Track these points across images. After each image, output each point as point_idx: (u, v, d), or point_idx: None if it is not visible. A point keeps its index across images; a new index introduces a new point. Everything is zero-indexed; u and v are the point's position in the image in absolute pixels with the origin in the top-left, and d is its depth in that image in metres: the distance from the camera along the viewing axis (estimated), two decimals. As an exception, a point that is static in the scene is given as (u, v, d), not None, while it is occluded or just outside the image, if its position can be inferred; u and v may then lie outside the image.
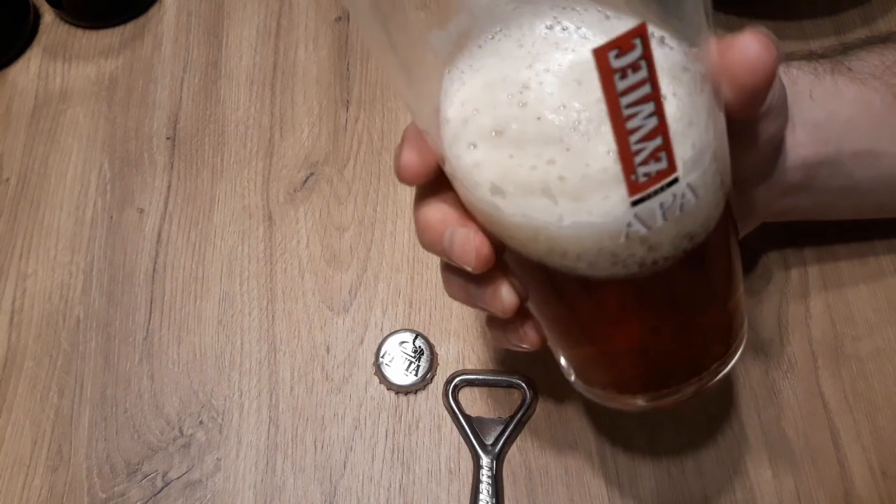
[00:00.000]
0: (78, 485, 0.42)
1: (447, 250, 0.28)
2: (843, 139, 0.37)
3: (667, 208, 0.24)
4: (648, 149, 0.22)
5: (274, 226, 0.48)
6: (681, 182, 0.24)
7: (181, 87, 0.54)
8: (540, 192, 0.24)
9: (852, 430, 0.40)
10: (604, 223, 0.24)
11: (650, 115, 0.22)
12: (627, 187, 0.23)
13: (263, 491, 0.41)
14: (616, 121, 0.22)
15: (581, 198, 0.24)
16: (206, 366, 0.44)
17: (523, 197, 0.25)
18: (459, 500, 0.40)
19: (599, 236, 0.24)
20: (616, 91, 0.21)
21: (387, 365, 0.43)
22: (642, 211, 0.24)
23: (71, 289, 0.47)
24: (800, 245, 0.45)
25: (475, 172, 0.25)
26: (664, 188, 0.23)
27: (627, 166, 0.23)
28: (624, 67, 0.21)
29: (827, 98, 0.37)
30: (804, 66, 0.37)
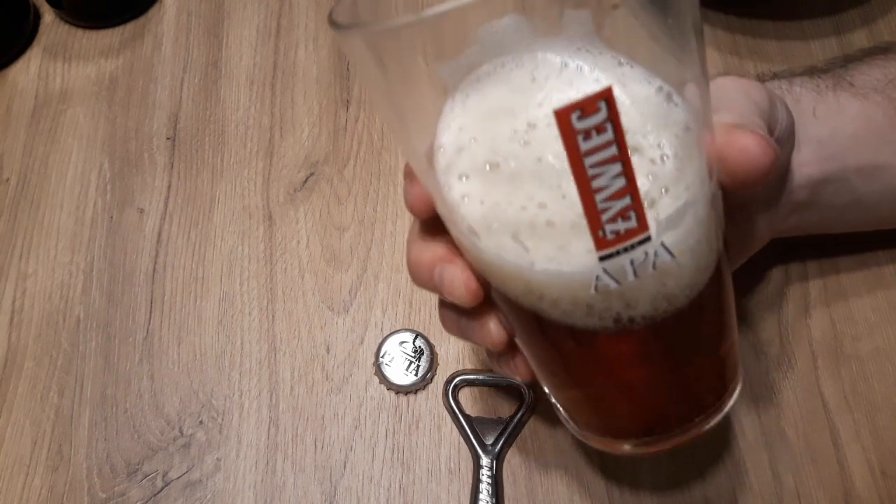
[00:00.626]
0: (78, 485, 0.42)
1: (438, 286, 0.29)
2: (847, 155, 0.37)
3: (637, 265, 0.24)
4: (615, 208, 0.22)
5: (274, 226, 0.48)
6: (653, 241, 0.23)
7: (181, 87, 0.54)
8: (514, 235, 0.24)
9: (852, 430, 0.40)
10: (572, 273, 0.24)
11: (617, 176, 0.22)
12: (595, 242, 0.23)
13: (263, 491, 0.41)
14: (579, 179, 0.22)
15: (554, 246, 0.24)
16: (206, 366, 0.44)
17: (500, 237, 0.25)
18: (459, 500, 0.40)
19: (570, 285, 0.24)
20: (579, 151, 0.21)
21: (387, 365, 0.43)
22: (611, 266, 0.23)
23: (71, 289, 0.47)
24: (799, 246, 0.45)
25: (461, 205, 0.25)
26: (634, 246, 0.23)
27: (594, 223, 0.23)
28: (588, 129, 0.21)
29: (830, 115, 0.37)
30: (807, 83, 0.38)
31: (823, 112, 0.37)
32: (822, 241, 0.45)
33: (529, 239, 0.24)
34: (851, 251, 0.45)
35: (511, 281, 0.26)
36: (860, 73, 0.38)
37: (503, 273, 0.26)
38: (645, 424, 0.30)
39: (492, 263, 0.26)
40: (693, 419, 0.29)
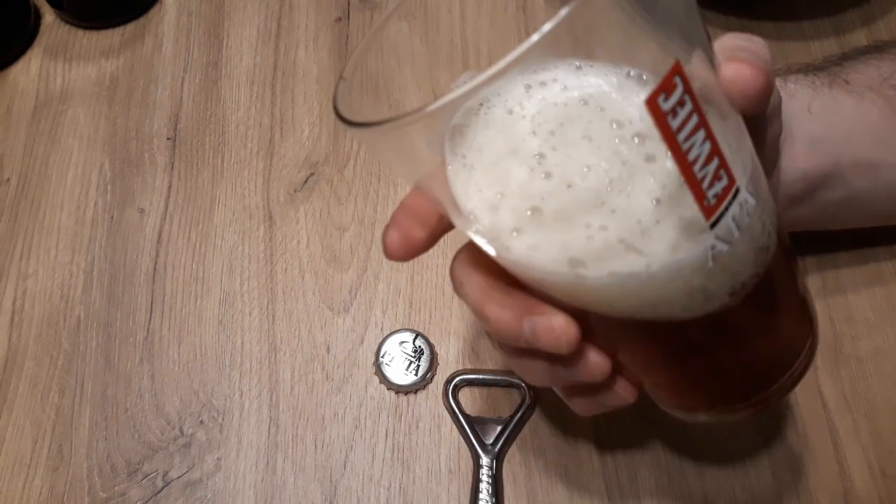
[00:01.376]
0: (78, 484, 0.42)
1: (531, 341, 0.27)
2: (842, 152, 0.37)
3: (738, 219, 0.24)
4: (710, 172, 0.23)
5: (274, 226, 0.48)
6: (742, 191, 0.24)
7: (181, 87, 0.54)
8: (624, 250, 0.24)
9: (852, 430, 0.40)
10: (689, 257, 0.24)
11: (704, 142, 0.23)
12: (703, 213, 0.23)
13: (263, 491, 0.41)
14: (679, 158, 0.22)
15: (663, 245, 0.24)
16: (206, 366, 0.44)
17: (607, 259, 0.24)
18: (459, 500, 0.40)
19: (690, 273, 0.24)
20: (672, 131, 0.22)
21: (387, 365, 0.43)
22: (721, 230, 0.24)
23: (71, 289, 0.47)
24: (799, 245, 0.45)
25: (536, 256, 0.25)
26: (731, 202, 0.24)
27: (699, 194, 0.23)
28: (673, 107, 0.22)
29: (825, 112, 0.37)
30: (801, 79, 0.38)
31: (819, 109, 0.37)
32: (821, 241, 0.45)
33: (640, 243, 0.24)
34: (851, 250, 0.45)
35: (620, 300, 0.25)
36: (855, 72, 0.38)
37: (612, 294, 0.25)
38: (761, 382, 0.31)
39: (601, 289, 0.25)
40: (796, 364, 0.30)
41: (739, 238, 0.25)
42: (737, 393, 0.32)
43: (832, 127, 0.37)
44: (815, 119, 0.36)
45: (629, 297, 0.25)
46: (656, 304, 0.25)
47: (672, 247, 0.24)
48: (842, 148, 0.37)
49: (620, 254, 0.24)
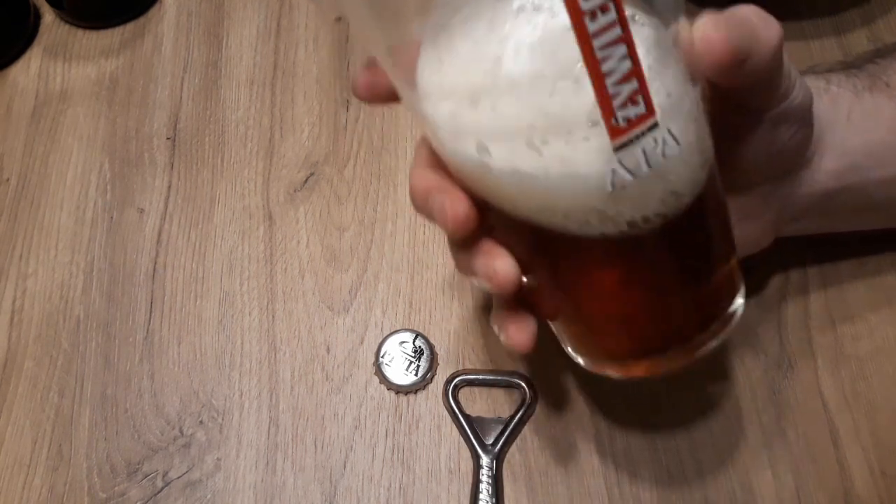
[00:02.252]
0: (78, 485, 0.42)
1: (430, 214, 0.29)
2: (872, 168, 0.36)
3: (649, 154, 0.24)
4: (625, 92, 0.23)
5: (274, 226, 0.48)
6: (661, 127, 0.24)
7: (181, 87, 0.54)
8: (525, 146, 0.25)
9: (852, 430, 0.40)
10: (588, 173, 0.24)
11: (623, 58, 0.22)
12: (609, 132, 0.23)
13: (263, 491, 0.41)
14: (590, 63, 0.22)
15: (565, 151, 0.24)
16: (206, 366, 0.44)
17: (510, 152, 0.25)
18: (459, 500, 0.40)
19: (586, 188, 0.25)
20: (587, 32, 0.22)
21: (387, 365, 0.43)
22: (625, 157, 0.24)
23: (71, 289, 0.47)
24: (799, 245, 0.45)
25: (460, 138, 0.26)
26: (645, 133, 0.24)
27: (606, 110, 0.23)
28: (593, 9, 0.22)
29: (864, 119, 0.36)
30: (844, 82, 0.37)
31: (858, 116, 0.36)
32: (822, 241, 0.45)
33: (537, 149, 0.24)
34: (851, 251, 0.45)
35: (522, 198, 0.26)
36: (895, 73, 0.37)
37: (514, 190, 0.26)
38: (664, 337, 0.31)
39: (502, 182, 0.26)
40: (708, 327, 0.30)
41: (648, 175, 0.25)
42: (621, 341, 0.31)
43: (868, 137, 0.36)
44: (852, 128, 0.36)
45: (529, 197, 0.26)
46: (554, 212, 0.26)
47: (574, 156, 0.24)
48: (873, 162, 0.36)
49: (525, 151, 0.25)
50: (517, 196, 0.26)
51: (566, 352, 0.34)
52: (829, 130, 0.35)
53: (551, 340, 0.44)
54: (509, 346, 0.31)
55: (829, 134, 0.35)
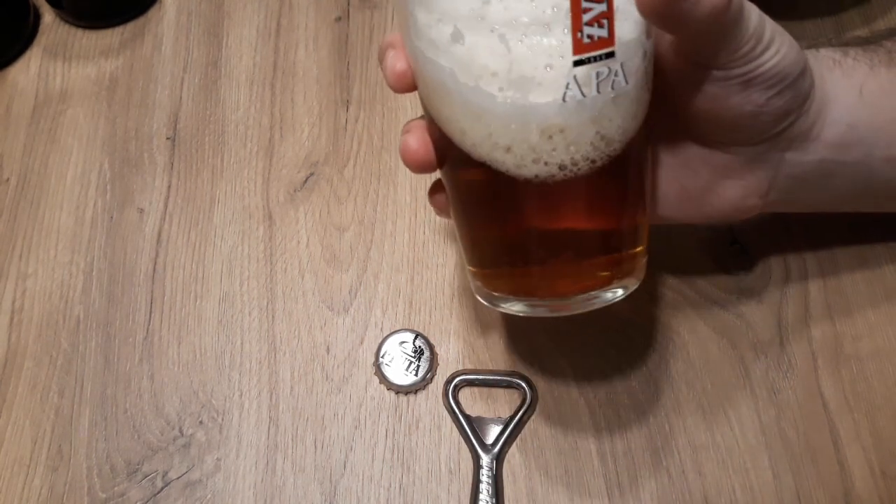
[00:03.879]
0: (78, 485, 0.42)
1: (382, 61, 0.32)
2: (878, 144, 0.35)
3: (601, 80, 0.26)
4: (595, 11, 0.25)
5: (274, 226, 0.48)
6: (616, 59, 0.26)
7: (181, 87, 0.54)
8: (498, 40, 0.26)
9: (852, 430, 0.40)
10: (545, 83, 0.26)
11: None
12: (573, 43, 0.25)
13: (263, 491, 0.41)
14: None
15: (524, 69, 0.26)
16: (206, 366, 0.44)
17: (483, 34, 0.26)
18: (459, 500, 0.40)
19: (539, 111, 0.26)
20: None
21: (387, 365, 0.43)
22: (581, 73, 0.26)
23: (71, 289, 0.47)
24: (800, 245, 0.45)
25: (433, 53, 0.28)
26: (602, 58, 0.26)
27: (576, 22, 0.25)
28: None
29: (878, 94, 0.35)
30: (860, 55, 0.36)
31: (871, 90, 0.35)
32: (821, 241, 0.45)
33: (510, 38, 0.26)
34: (852, 250, 0.45)
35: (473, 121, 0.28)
36: None
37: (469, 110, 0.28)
38: (569, 279, 0.32)
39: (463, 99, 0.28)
40: (611, 281, 0.32)
41: (593, 101, 0.27)
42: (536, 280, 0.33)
43: (878, 112, 0.35)
44: (863, 103, 0.35)
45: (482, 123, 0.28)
46: (497, 142, 0.28)
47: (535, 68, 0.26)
48: (881, 138, 0.35)
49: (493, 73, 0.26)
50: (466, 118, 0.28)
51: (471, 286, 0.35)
52: (837, 102, 0.34)
53: (551, 340, 0.44)
54: None
55: (835, 106, 0.34)
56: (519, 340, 0.44)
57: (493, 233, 0.33)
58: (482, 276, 0.34)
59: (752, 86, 0.31)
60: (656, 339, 0.43)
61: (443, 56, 0.28)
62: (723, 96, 0.31)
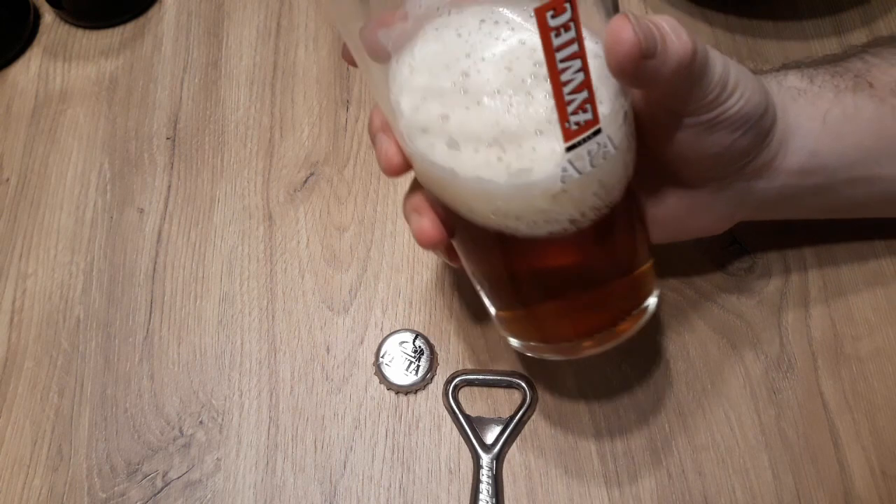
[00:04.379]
0: (78, 485, 0.42)
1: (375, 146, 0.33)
2: (841, 168, 0.37)
3: (593, 156, 0.28)
4: (578, 100, 0.26)
5: (274, 226, 0.48)
6: (603, 133, 0.28)
7: (181, 87, 0.54)
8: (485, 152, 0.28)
9: (852, 430, 0.40)
10: (543, 172, 0.28)
11: (578, 71, 0.26)
12: (563, 134, 0.27)
13: (263, 491, 0.41)
14: (553, 73, 0.26)
15: (521, 160, 0.28)
16: (206, 366, 0.44)
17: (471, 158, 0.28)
18: (459, 500, 0.40)
19: (540, 188, 0.28)
20: (552, 46, 0.25)
21: (387, 365, 0.43)
22: (574, 157, 0.27)
23: (71, 289, 0.47)
24: (800, 245, 0.45)
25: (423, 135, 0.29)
26: (590, 137, 0.27)
27: (562, 115, 0.26)
28: (558, 27, 0.25)
29: (841, 120, 0.36)
30: (827, 82, 0.37)
31: (835, 116, 0.36)
32: (821, 241, 0.45)
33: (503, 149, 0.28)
34: (852, 251, 0.45)
35: (484, 204, 0.29)
36: (881, 73, 0.38)
37: (478, 196, 0.29)
38: (591, 325, 0.34)
39: (469, 191, 0.29)
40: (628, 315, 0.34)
41: (591, 174, 0.28)
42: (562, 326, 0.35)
43: (841, 138, 0.36)
44: (827, 129, 0.36)
45: (488, 202, 0.29)
46: (507, 214, 0.29)
47: (532, 160, 0.28)
48: (843, 162, 0.37)
49: (489, 159, 0.28)
50: (477, 202, 0.30)
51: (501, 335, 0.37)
52: (800, 130, 0.35)
53: (551, 340, 0.43)
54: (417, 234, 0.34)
55: (798, 134, 0.35)
56: (519, 340, 0.44)
57: (519, 288, 0.35)
58: (512, 328, 0.36)
59: (718, 129, 0.32)
60: (656, 339, 0.43)
61: (438, 156, 0.29)
62: (691, 140, 0.32)
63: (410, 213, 0.34)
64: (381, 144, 0.32)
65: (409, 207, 0.34)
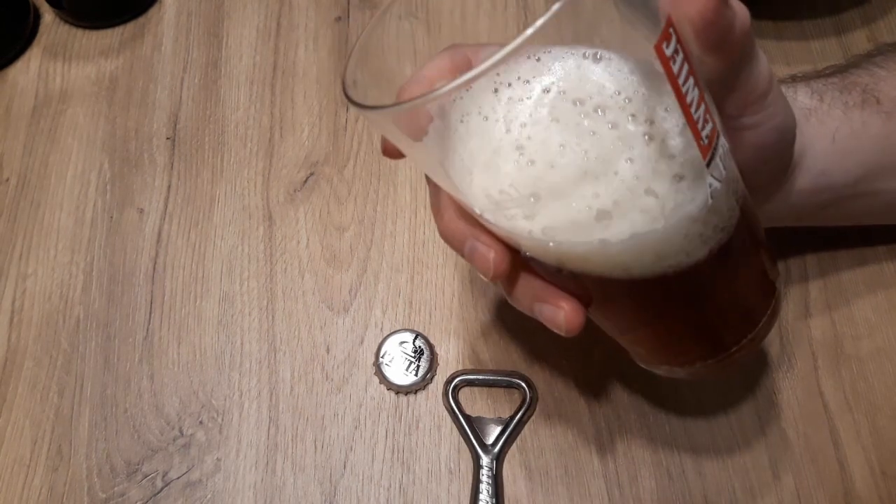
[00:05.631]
0: (78, 485, 0.42)
1: (467, 258, 0.29)
2: (847, 185, 0.37)
3: (723, 159, 0.27)
4: (701, 115, 0.25)
5: (274, 226, 0.48)
6: (720, 134, 0.27)
7: (181, 87, 0.54)
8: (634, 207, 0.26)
9: (852, 430, 0.40)
10: (696, 199, 0.26)
11: (694, 87, 0.25)
12: (701, 153, 0.25)
13: (263, 491, 0.41)
14: (681, 99, 0.24)
15: (676, 197, 0.26)
16: (206, 366, 0.44)
17: (626, 222, 0.26)
18: (459, 500, 0.40)
19: (695, 214, 0.26)
20: (674, 73, 0.24)
21: (387, 365, 0.43)
22: (713, 169, 0.26)
23: (71, 289, 0.47)
24: (800, 245, 0.45)
25: (555, 234, 0.26)
26: (717, 142, 0.26)
27: (696, 134, 0.25)
28: (672, 54, 0.24)
29: (848, 138, 0.36)
30: (836, 100, 0.37)
31: (843, 136, 0.36)
32: (821, 241, 0.45)
33: (642, 199, 0.26)
34: (853, 251, 0.45)
35: (641, 257, 0.27)
36: (888, 86, 0.38)
37: (635, 253, 0.27)
38: (733, 335, 0.32)
39: (623, 251, 0.27)
40: (762, 321, 0.32)
41: (725, 178, 0.27)
42: (714, 346, 0.33)
43: (848, 156, 0.36)
44: (835, 148, 0.36)
45: (646, 254, 0.27)
46: (668, 255, 0.27)
47: (681, 192, 0.26)
48: (849, 179, 0.37)
49: (635, 213, 0.26)
50: (633, 261, 0.27)
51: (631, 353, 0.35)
52: (811, 150, 0.35)
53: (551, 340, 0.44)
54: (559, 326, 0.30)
55: (809, 155, 0.35)
56: (519, 340, 0.44)
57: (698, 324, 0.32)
58: (646, 356, 0.35)
59: (762, 134, 0.31)
60: (656, 339, 0.43)
61: (583, 235, 0.26)
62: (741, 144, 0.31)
63: (536, 304, 0.30)
64: (479, 251, 0.29)
65: (530, 300, 0.30)
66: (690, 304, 0.31)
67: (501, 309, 0.45)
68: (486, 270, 0.29)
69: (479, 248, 0.29)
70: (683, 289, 0.30)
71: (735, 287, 0.31)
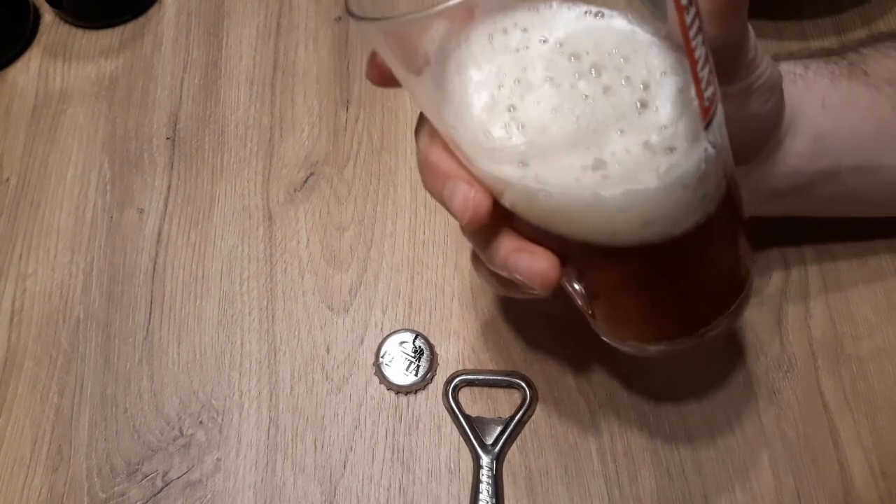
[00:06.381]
0: (78, 485, 0.42)
1: (445, 200, 0.28)
2: (845, 153, 0.37)
3: (719, 124, 0.27)
4: (706, 75, 0.25)
5: (274, 226, 0.48)
6: (720, 102, 0.26)
7: (181, 87, 0.54)
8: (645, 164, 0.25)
9: (852, 430, 0.40)
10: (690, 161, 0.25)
11: (703, 45, 0.25)
12: (701, 114, 0.25)
13: (263, 491, 0.41)
14: (689, 53, 0.24)
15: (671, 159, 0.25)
16: (206, 366, 0.44)
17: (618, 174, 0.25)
18: (459, 500, 0.40)
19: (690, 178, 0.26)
20: (687, 26, 0.24)
21: (387, 365, 0.43)
22: (711, 133, 0.26)
23: (71, 289, 0.47)
24: (800, 245, 0.45)
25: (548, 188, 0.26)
26: (717, 107, 0.26)
27: (699, 93, 0.25)
28: (687, 4, 0.24)
29: (839, 105, 0.36)
30: (822, 68, 0.37)
31: (833, 102, 0.36)
32: (821, 240, 0.45)
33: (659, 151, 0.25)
34: (852, 250, 0.45)
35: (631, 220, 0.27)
36: (875, 63, 0.38)
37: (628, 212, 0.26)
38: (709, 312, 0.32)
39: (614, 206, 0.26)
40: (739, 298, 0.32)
41: (719, 146, 0.27)
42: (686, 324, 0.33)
43: (842, 123, 0.36)
44: (827, 113, 0.36)
45: (634, 216, 0.26)
46: (652, 223, 0.27)
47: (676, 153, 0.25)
48: (846, 147, 0.37)
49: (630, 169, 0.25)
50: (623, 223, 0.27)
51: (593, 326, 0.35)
52: (802, 113, 0.35)
53: (551, 340, 0.44)
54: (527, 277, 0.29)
55: (801, 117, 0.35)
56: (519, 340, 0.44)
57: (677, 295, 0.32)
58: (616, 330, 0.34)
59: (754, 95, 0.31)
60: (656, 339, 0.43)
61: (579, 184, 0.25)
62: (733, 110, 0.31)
63: (513, 255, 0.29)
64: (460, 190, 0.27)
65: (506, 251, 0.29)
66: (669, 277, 0.30)
67: (501, 309, 0.45)
68: (465, 210, 0.27)
69: (460, 187, 0.27)
70: (665, 261, 0.29)
71: (714, 264, 0.31)
